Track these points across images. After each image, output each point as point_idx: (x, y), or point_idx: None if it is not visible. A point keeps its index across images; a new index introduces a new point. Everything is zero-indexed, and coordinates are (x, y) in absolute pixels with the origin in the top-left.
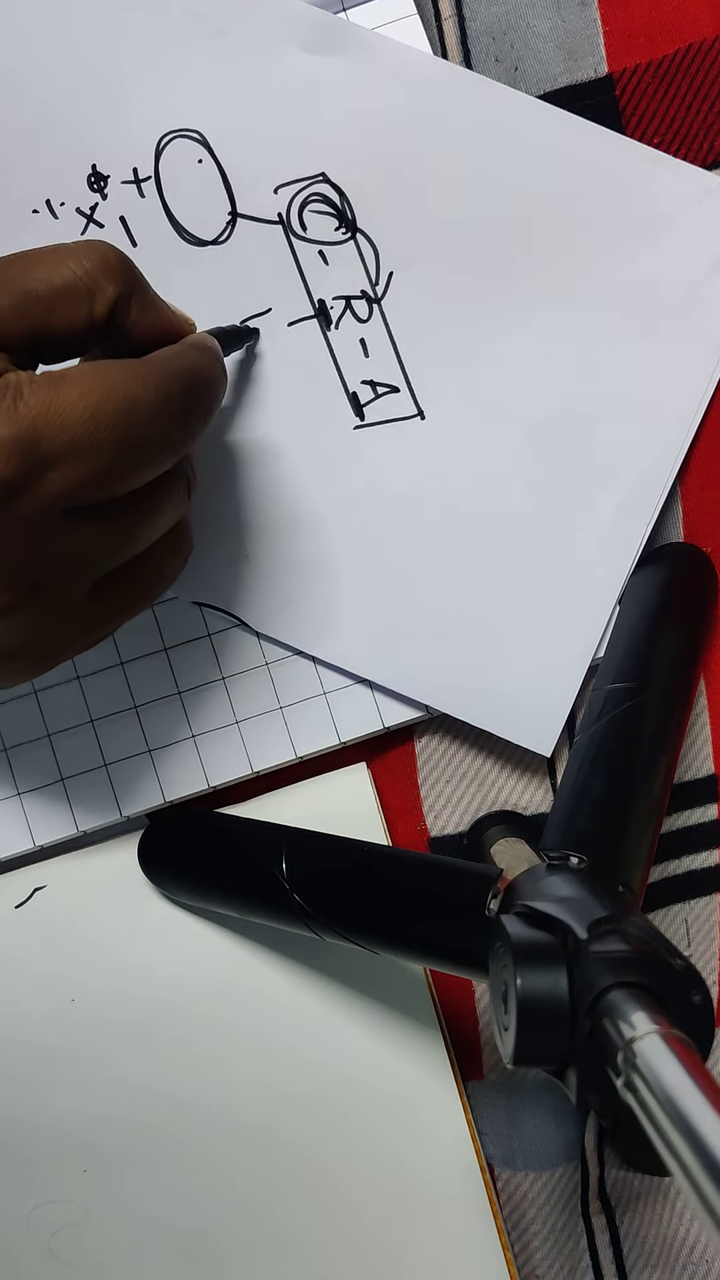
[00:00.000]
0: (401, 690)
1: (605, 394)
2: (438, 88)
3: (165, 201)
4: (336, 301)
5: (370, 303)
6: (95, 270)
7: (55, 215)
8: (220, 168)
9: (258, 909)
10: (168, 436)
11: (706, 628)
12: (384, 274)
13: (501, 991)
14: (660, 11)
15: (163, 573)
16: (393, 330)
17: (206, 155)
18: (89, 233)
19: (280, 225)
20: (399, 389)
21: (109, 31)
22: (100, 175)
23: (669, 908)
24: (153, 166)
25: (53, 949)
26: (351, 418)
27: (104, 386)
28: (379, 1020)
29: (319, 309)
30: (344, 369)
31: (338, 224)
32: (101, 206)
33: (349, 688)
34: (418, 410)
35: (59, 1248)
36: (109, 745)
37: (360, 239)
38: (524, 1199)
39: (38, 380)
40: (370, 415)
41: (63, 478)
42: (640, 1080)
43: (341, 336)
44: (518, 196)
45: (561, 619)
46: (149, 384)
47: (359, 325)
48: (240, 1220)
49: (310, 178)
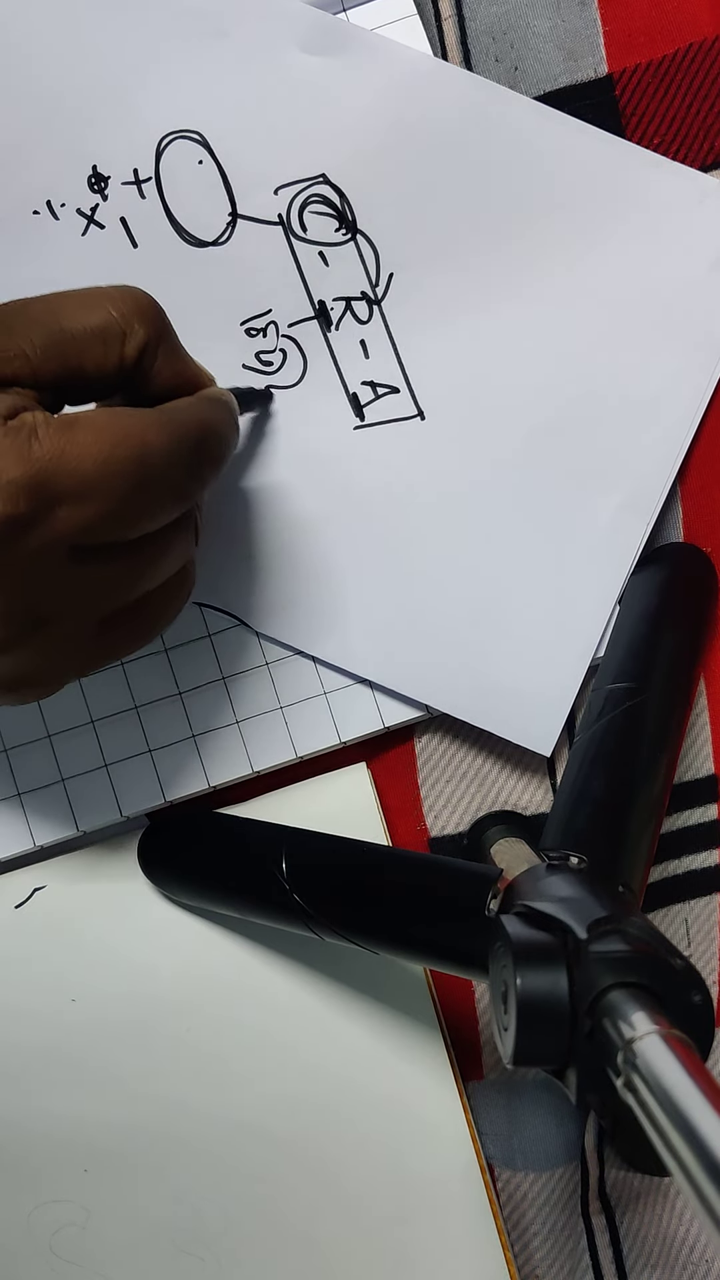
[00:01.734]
0: (401, 690)
1: (605, 394)
2: (438, 89)
3: (166, 202)
4: (337, 302)
5: (370, 304)
6: (129, 313)
7: (56, 216)
8: (220, 168)
9: (258, 909)
10: (177, 486)
11: (706, 628)
12: (384, 275)
13: (501, 991)
14: (660, 11)
15: (164, 614)
16: (393, 331)
17: (207, 156)
18: (89, 234)
19: (280, 226)
20: (399, 390)
21: (110, 32)
22: (101, 176)
23: (669, 908)
24: (153, 167)
25: (53, 949)
26: (351, 418)
27: (118, 432)
28: (379, 1020)
29: (319, 310)
30: (344, 370)
31: (338, 225)
32: (102, 207)
33: (349, 687)
34: (418, 411)
35: (59, 1247)
36: (109, 745)
37: (360, 240)
38: (524, 1199)
39: (53, 422)
40: (370, 416)
41: (70, 519)
42: (640, 1080)
43: (342, 337)
44: (517, 198)
45: (561, 619)
46: (163, 433)
47: (359, 326)
48: (240, 1220)
49: (310, 179)
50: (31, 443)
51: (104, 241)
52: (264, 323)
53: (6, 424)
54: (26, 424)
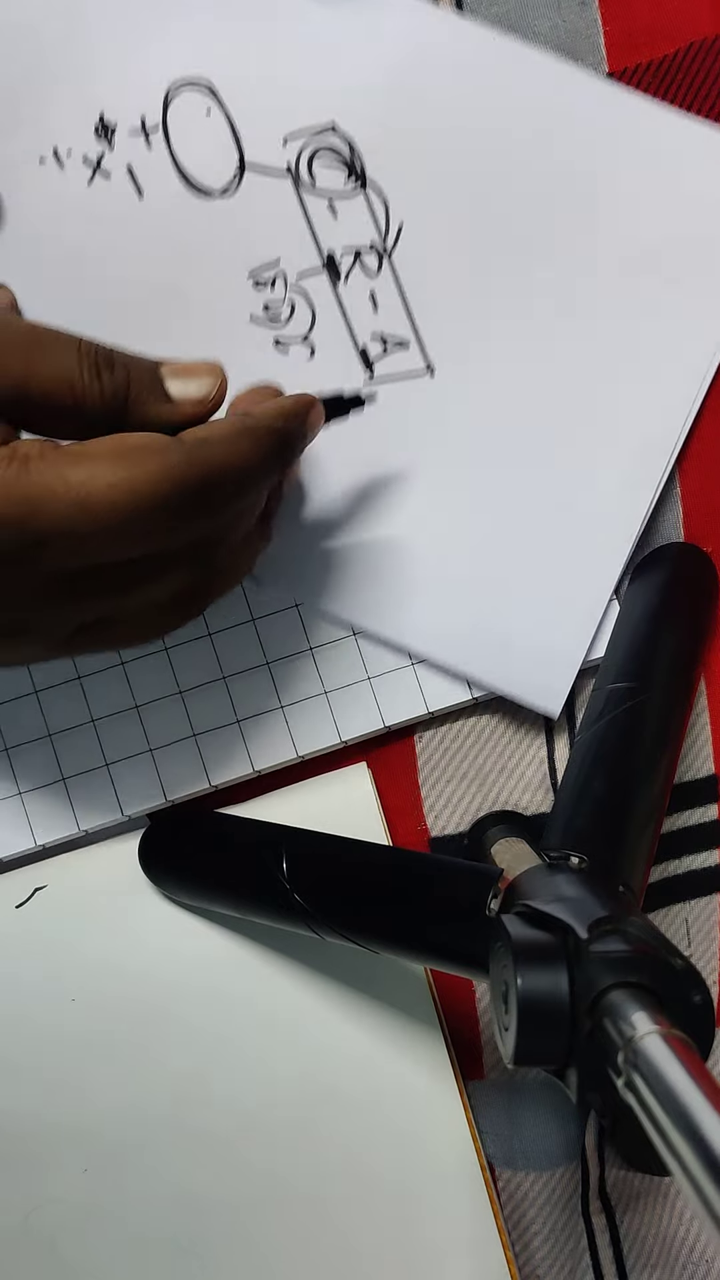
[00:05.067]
0: (407, 646)
1: (617, 350)
2: (449, 41)
3: (173, 152)
4: (346, 254)
5: (380, 256)
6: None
7: (61, 165)
8: (229, 118)
9: (258, 909)
10: (182, 529)
11: (706, 628)
12: (394, 227)
13: (502, 991)
14: (660, 11)
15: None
16: (402, 284)
17: (215, 105)
18: (95, 183)
19: (289, 177)
20: (408, 344)
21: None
22: (108, 125)
23: (669, 908)
24: (160, 116)
25: (53, 949)
26: (361, 373)
27: (117, 473)
28: (379, 1020)
29: (328, 261)
30: (353, 323)
31: (347, 176)
32: (108, 156)
33: (350, 687)
34: (427, 366)
35: (59, 1248)
36: (110, 745)
37: (370, 191)
38: (524, 1199)
39: (48, 455)
40: (379, 371)
41: (54, 554)
42: (640, 1080)
43: (351, 290)
44: (529, 151)
45: (570, 579)
46: (170, 478)
47: (368, 279)
48: (240, 1220)
49: (320, 129)
50: (22, 474)
51: (110, 190)
52: (272, 274)
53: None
54: (19, 452)
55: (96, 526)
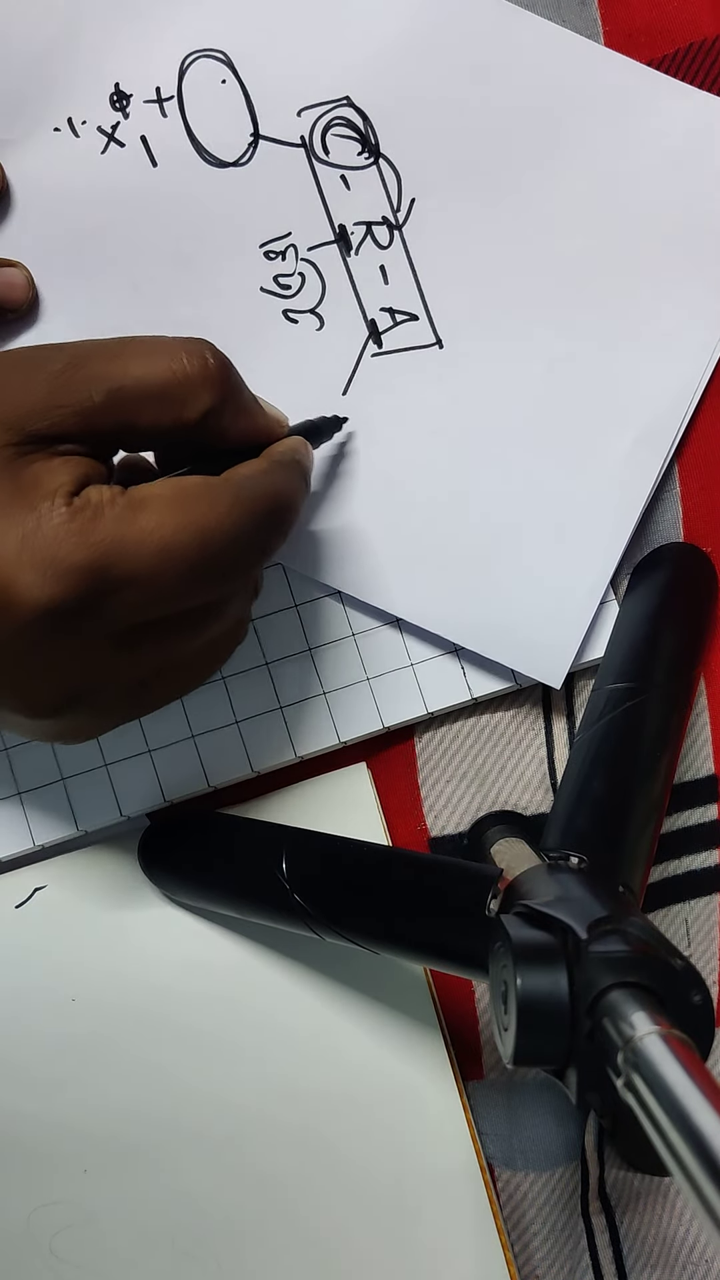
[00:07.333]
0: (411, 619)
1: (625, 325)
2: (464, 14)
3: (187, 122)
4: (357, 227)
5: (391, 229)
6: (194, 376)
7: (76, 134)
8: (244, 89)
9: (258, 909)
10: (241, 564)
11: (706, 628)
12: (406, 200)
13: (501, 991)
14: (660, 11)
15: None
16: (413, 257)
17: (230, 76)
18: (109, 152)
19: (302, 148)
20: (418, 317)
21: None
22: (123, 94)
23: (669, 908)
24: (176, 86)
25: (53, 949)
26: (370, 345)
27: (182, 516)
28: (379, 1020)
29: (339, 234)
30: (363, 296)
31: (360, 148)
32: (123, 125)
33: (349, 687)
34: (436, 339)
35: (60, 1248)
36: (109, 745)
37: (383, 164)
38: (524, 1199)
39: (118, 502)
40: (388, 343)
41: (125, 603)
42: (640, 1080)
43: (361, 263)
44: (541, 125)
45: (575, 552)
46: (231, 514)
47: (379, 252)
48: (241, 1220)
49: (334, 101)
50: (95, 524)
51: (124, 160)
52: (283, 245)
53: (72, 501)
54: (91, 502)
55: (174, 569)
